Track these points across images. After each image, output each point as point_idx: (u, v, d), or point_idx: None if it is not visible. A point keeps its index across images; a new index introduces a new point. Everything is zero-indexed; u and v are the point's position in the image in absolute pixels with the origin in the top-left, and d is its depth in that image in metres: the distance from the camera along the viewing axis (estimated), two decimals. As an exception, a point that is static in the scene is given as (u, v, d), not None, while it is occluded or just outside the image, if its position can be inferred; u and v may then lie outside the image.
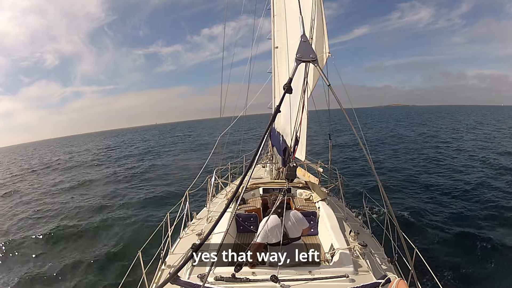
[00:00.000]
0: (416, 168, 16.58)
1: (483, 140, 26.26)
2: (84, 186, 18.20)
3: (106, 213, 12.02)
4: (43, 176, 24.87)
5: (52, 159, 38.14)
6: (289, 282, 2.63)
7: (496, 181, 12.88)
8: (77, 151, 48.45)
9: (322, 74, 2.03)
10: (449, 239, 7.55)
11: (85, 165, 27.87)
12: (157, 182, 17.20)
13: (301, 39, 1.95)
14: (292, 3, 4.89)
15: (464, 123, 47.49)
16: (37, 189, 19.06)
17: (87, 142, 78.16)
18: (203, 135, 54.24)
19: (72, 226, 10.54)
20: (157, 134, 75.36)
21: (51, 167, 29.71)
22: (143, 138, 63.10)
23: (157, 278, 3.47)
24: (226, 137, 7.36)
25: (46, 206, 14.21)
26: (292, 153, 3.47)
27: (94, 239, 9.16)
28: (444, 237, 7.65)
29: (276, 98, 7.06)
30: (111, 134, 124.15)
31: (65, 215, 12.31)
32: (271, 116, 1.81)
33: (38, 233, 10.00)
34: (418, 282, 2.19)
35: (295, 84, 1.90)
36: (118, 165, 25.38)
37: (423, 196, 11.27)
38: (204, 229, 4.30)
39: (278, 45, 6.44)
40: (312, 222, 4.54)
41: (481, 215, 8.95)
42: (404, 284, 2.19)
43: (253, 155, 1.82)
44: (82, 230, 10.00)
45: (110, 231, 9.74)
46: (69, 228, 10.40)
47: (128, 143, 52.71)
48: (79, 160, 33.10)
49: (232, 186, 6.41)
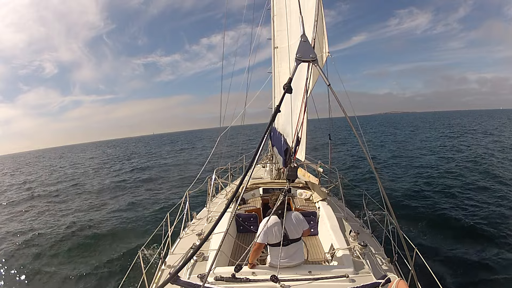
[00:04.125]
0: (416, 168, 16.59)
1: (475, 144, 26.19)
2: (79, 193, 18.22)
3: (105, 214, 12.03)
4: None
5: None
6: (289, 282, 2.63)
7: (496, 181, 12.88)
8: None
9: (322, 74, 2.02)
10: (449, 239, 7.54)
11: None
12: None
13: (301, 39, 1.94)
14: (292, 3, 4.89)
15: (455, 128, 47.33)
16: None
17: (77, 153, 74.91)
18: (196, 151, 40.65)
19: (72, 227, 10.55)
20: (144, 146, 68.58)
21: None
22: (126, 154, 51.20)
23: (157, 278, 3.47)
24: (226, 136, 7.36)
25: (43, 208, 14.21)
26: (293, 154, 3.47)
27: (94, 239, 9.15)
28: (444, 237, 7.64)
29: (276, 98, 7.06)
30: (107, 144, 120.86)
31: (64, 216, 12.32)
32: (271, 116, 1.80)
33: (39, 234, 10.01)
34: (418, 282, 2.18)
35: (295, 84, 1.90)
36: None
37: (423, 196, 11.25)
38: (204, 229, 4.30)
39: (278, 45, 6.44)
40: (312, 222, 4.54)
41: (482, 215, 8.94)
42: (404, 284, 2.18)
43: (253, 155, 1.82)
44: (82, 231, 10.00)
45: (110, 231, 9.74)
46: (69, 228, 10.41)
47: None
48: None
49: (232, 186, 6.41)
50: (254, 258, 2.87)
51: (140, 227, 9.88)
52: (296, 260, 2.90)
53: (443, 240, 7.52)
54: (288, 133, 4.63)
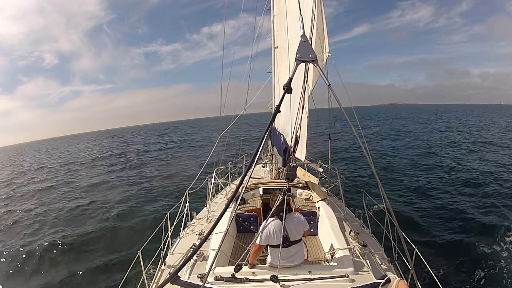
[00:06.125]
0: (416, 169, 16.58)
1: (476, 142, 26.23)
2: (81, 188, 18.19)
3: (105, 214, 12.02)
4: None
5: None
6: (289, 282, 2.63)
7: (498, 180, 12.89)
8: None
9: (322, 74, 2.02)
10: (449, 239, 7.55)
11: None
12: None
13: (301, 39, 1.94)
14: (292, 3, 4.89)
15: (454, 123, 47.11)
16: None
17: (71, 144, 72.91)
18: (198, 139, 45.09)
19: (72, 227, 10.55)
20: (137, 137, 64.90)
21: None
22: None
23: (157, 278, 3.47)
24: (226, 136, 7.35)
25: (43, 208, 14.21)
26: (292, 153, 3.47)
27: (94, 240, 9.15)
28: (445, 237, 7.65)
29: (276, 98, 7.06)
30: (105, 135, 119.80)
31: (64, 217, 12.31)
32: (271, 116, 1.80)
33: (39, 234, 10.01)
34: (418, 282, 2.18)
35: (295, 84, 1.90)
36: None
37: (423, 196, 11.26)
38: (204, 229, 4.30)
39: (278, 45, 6.45)
40: (312, 222, 4.54)
41: (483, 215, 8.94)
42: (404, 284, 2.19)
43: (253, 155, 1.82)
44: (82, 231, 10.00)
45: (110, 231, 9.74)
46: (69, 228, 10.42)
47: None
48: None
49: (232, 186, 6.40)
50: (254, 259, 2.87)
51: (140, 227, 9.87)
52: (296, 260, 2.90)
53: (443, 240, 7.52)
54: (288, 133, 4.63)
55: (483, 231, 7.76)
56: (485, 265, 6.27)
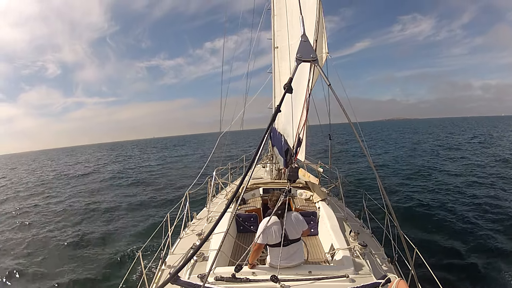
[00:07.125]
0: (416, 169, 16.59)
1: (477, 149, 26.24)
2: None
3: (105, 214, 12.02)
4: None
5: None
6: (289, 282, 2.62)
7: (496, 183, 12.89)
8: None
9: (322, 74, 2.02)
10: (449, 239, 7.53)
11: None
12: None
13: (301, 39, 1.94)
14: (292, 3, 4.89)
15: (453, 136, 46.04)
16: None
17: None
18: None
19: (72, 227, 10.55)
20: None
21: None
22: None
23: (157, 278, 3.47)
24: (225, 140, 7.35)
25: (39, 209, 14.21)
26: (294, 154, 3.46)
27: (94, 240, 9.14)
28: (445, 237, 7.63)
29: (276, 98, 7.06)
30: (106, 147, 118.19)
31: (64, 217, 12.32)
32: (271, 115, 1.80)
33: (40, 235, 10.01)
34: (418, 282, 2.18)
35: (295, 84, 1.90)
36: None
37: (423, 196, 11.26)
38: (204, 229, 4.29)
39: (278, 45, 6.44)
40: (312, 222, 4.54)
41: (483, 215, 8.94)
42: (404, 284, 2.18)
43: (253, 155, 1.81)
44: (82, 231, 10.00)
45: (110, 231, 9.73)
46: (69, 228, 10.41)
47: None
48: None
49: (232, 186, 6.40)
50: (254, 259, 2.87)
51: (140, 227, 9.87)
52: (296, 260, 2.89)
53: (444, 240, 7.51)
54: (289, 133, 4.63)
55: (485, 232, 7.74)
56: (486, 265, 6.26)
